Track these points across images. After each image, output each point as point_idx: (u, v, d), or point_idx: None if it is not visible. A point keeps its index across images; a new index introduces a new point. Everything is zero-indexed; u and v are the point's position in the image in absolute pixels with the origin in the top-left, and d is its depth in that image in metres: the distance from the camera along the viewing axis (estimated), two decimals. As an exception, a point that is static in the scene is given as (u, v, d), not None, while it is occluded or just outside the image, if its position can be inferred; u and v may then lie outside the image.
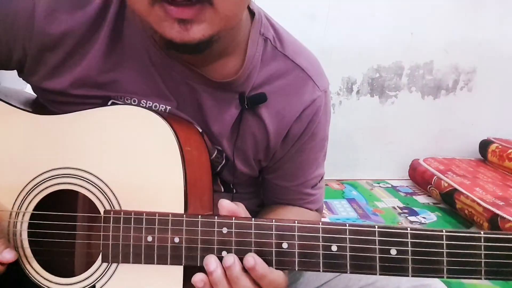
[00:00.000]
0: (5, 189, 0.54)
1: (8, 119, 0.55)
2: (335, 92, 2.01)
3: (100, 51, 0.53)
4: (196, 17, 0.42)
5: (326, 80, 0.64)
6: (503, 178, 1.84)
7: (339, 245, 0.44)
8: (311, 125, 0.61)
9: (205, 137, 0.58)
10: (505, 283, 1.29)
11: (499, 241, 0.42)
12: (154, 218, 0.48)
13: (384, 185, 2.06)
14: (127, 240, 0.48)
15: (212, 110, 0.57)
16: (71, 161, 0.52)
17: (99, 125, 0.53)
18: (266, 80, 0.58)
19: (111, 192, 0.51)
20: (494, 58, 2.02)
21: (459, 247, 0.42)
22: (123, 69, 0.55)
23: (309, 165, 0.66)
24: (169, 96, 0.57)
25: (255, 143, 0.60)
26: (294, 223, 0.45)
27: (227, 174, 0.63)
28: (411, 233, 0.43)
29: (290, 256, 0.45)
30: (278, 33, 0.61)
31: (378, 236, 0.43)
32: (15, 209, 0.53)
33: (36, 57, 0.54)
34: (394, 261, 0.43)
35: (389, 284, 0.55)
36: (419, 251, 0.43)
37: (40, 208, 0.53)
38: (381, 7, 1.89)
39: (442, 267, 0.42)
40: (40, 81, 0.56)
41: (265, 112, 0.58)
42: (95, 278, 0.50)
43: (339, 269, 0.44)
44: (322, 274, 0.61)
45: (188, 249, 0.47)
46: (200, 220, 0.47)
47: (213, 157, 0.60)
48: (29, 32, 0.51)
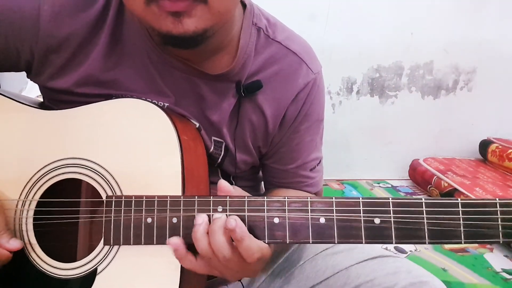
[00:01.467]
0: (12, 181, 0.56)
1: (13, 114, 0.58)
2: (335, 92, 2.01)
3: (101, 51, 0.56)
4: (187, 9, 0.44)
5: (318, 63, 0.67)
6: (503, 178, 1.84)
7: (327, 216, 0.47)
8: (305, 106, 0.64)
9: (202, 131, 0.61)
10: (505, 283, 1.29)
11: (475, 206, 0.45)
12: (154, 200, 0.50)
13: (384, 185, 2.06)
14: (128, 223, 0.51)
15: (211, 100, 0.60)
16: (74, 151, 0.55)
17: (101, 117, 0.55)
18: (260, 67, 0.61)
19: (113, 179, 0.53)
20: (494, 58, 2.02)
21: (438, 212, 0.45)
22: (123, 68, 0.57)
23: (305, 146, 0.68)
24: (167, 92, 0.59)
25: (253, 130, 0.63)
26: (285, 199, 0.48)
27: (228, 164, 0.65)
28: (393, 202, 0.46)
29: (281, 230, 0.47)
30: (270, 22, 0.63)
31: (362, 206, 0.46)
32: (22, 198, 0.56)
33: (43, 59, 0.56)
34: (378, 229, 0.46)
35: (386, 281, 0.56)
36: (401, 218, 0.45)
37: (46, 197, 0.56)
38: (381, 7, 1.89)
39: (424, 233, 0.45)
40: (46, 81, 0.58)
41: (262, 99, 0.61)
42: (97, 261, 0.52)
43: (328, 239, 0.47)
44: (321, 272, 0.62)
45: (185, 228, 0.49)
46: (196, 200, 0.49)
47: (211, 151, 0.62)
48: (35, 36, 0.54)
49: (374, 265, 0.59)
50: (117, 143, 0.54)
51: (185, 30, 0.45)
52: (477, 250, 1.48)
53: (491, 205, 0.45)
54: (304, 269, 0.64)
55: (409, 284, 0.55)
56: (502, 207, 0.44)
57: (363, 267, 0.59)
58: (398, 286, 0.55)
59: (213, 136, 0.63)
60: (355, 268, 0.60)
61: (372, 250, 0.63)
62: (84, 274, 0.52)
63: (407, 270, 0.58)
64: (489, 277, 1.31)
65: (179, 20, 0.44)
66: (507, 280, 1.31)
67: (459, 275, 1.32)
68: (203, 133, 0.61)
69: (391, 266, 0.59)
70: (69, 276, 0.53)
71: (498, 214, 0.44)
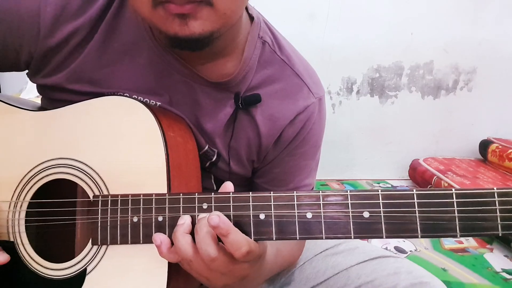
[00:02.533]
0: (4, 183, 0.57)
1: (3, 117, 0.58)
2: (335, 92, 2.01)
3: (95, 48, 0.56)
4: (193, 11, 0.44)
5: (322, 89, 0.65)
6: (503, 178, 1.84)
7: (314, 211, 0.45)
8: (303, 130, 0.62)
9: (194, 129, 0.60)
10: (505, 283, 1.29)
11: (471, 196, 0.42)
12: (139, 199, 0.50)
13: (384, 185, 2.06)
14: (114, 222, 0.51)
15: (207, 108, 0.59)
16: (63, 151, 0.55)
17: (87, 116, 0.56)
18: (262, 82, 0.60)
19: (100, 179, 0.53)
20: (494, 58, 2.02)
21: (431, 205, 0.42)
22: (117, 66, 0.57)
23: (299, 171, 0.66)
24: (161, 92, 0.58)
25: (248, 143, 0.62)
26: (270, 194, 0.46)
27: (222, 174, 0.64)
28: (382, 194, 0.43)
29: (267, 226, 0.46)
30: (276, 38, 0.62)
31: (350, 200, 0.44)
32: (13, 200, 0.56)
33: (41, 58, 0.56)
34: (368, 223, 0.44)
35: (387, 281, 0.56)
36: (391, 211, 0.43)
37: (38, 198, 0.56)
38: (381, 7, 1.89)
39: (416, 226, 0.42)
40: (42, 78, 0.58)
41: (259, 114, 0.60)
42: (87, 261, 0.52)
43: (315, 235, 0.45)
44: (321, 272, 0.62)
45: (171, 226, 0.48)
46: (181, 197, 0.49)
47: (203, 152, 0.61)
48: (35, 36, 0.54)
49: (375, 265, 0.59)
50: (102, 141, 0.54)
51: (191, 33, 0.46)
52: (477, 250, 1.48)
53: (489, 195, 0.41)
54: (304, 270, 0.64)
55: (409, 284, 0.55)
56: (501, 197, 0.41)
57: (363, 268, 0.59)
58: (398, 286, 0.55)
59: (208, 143, 0.61)
60: (355, 268, 0.60)
61: (372, 250, 0.63)
62: (74, 274, 0.53)
63: (408, 270, 0.58)
64: (489, 277, 1.31)
65: (185, 22, 0.45)
66: (507, 280, 1.31)
67: (459, 275, 1.32)
68: (195, 131, 0.60)
69: (391, 266, 0.59)
70: (60, 276, 0.53)
71: (496, 204, 0.41)
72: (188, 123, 0.59)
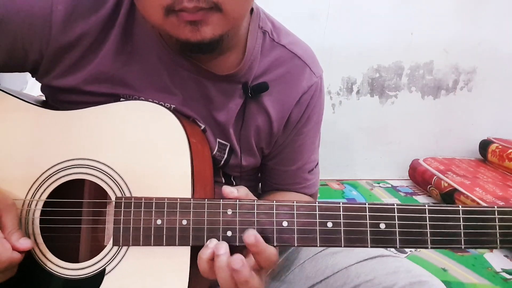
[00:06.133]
0: (19, 180, 0.56)
1: (20, 113, 0.57)
2: (335, 92, 2.01)
3: (112, 49, 0.57)
4: (204, 18, 0.46)
5: (320, 67, 0.69)
6: (503, 178, 1.84)
7: (334, 221, 0.48)
8: (308, 108, 0.66)
9: (207, 133, 0.62)
10: (505, 283, 1.29)
11: (475, 213, 0.47)
12: (164, 202, 0.51)
13: (384, 185, 2.06)
14: (137, 224, 0.51)
15: (218, 101, 0.61)
16: (82, 152, 0.55)
17: (111, 118, 0.56)
18: (266, 69, 0.63)
19: (123, 181, 0.53)
20: (494, 58, 2.02)
21: (441, 219, 0.47)
22: (132, 66, 0.58)
23: (306, 148, 0.70)
24: (174, 91, 0.60)
25: (257, 131, 0.64)
26: (293, 203, 0.49)
27: (232, 166, 0.66)
28: (398, 208, 0.47)
29: (290, 233, 0.49)
30: (275, 26, 0.65)
31: (368, 212, 0.48)
32: (28, 198, 0.55)
33: (53, 58, 0.57)
34: (383, 234, 0.47)
35: (386, 280, 0.56)
36: (405, 224, 0.47)
37: (54, 198, 0.55)
38: (381, 7, 1.89)
39: (426, 238, 0.47)
40: (53, 79, 0.58)
41: (268, 100, 0.63)
42: (106, 262, 0.52)
43: (335, 243, 0.48)
44: (321, 271, 0.62)
45: (195, 230, 0.50)
46: (206, 203, 0.50)
47: (214, 153, 0.63)
48: (47, 35, 0.55)
49: (374, 264, 0.60)
50: (125, 144, 0.54)
51: (202, 38, 0.48)
52: (477, 250, 1.48)
53: (490, 213, 0.47)
54: (304, 268, 0.64)
55: (408, 283, 0.55)
56: (500, 215, 0.46)
57: (363, 267, 0.60)
58: (397, 285, 0.55)
59: (219, 138, 0.63)
60: (355, 267, 0.60)
61: (372, 249, 0.63)
62: (92, 274, 0.52)
63: (407, 269, 0.58)
64: (489, 277, 1.31)
65: (197, 28, 0.47)
66: (507, 280, 1.31)
67: (459, 275, 1.32)
68: (208, 134, 0.62)
69: (390, 265, 0.59)
70: (77, 276, 0.53)
71: (496, 221, 0.46)
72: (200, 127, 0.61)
